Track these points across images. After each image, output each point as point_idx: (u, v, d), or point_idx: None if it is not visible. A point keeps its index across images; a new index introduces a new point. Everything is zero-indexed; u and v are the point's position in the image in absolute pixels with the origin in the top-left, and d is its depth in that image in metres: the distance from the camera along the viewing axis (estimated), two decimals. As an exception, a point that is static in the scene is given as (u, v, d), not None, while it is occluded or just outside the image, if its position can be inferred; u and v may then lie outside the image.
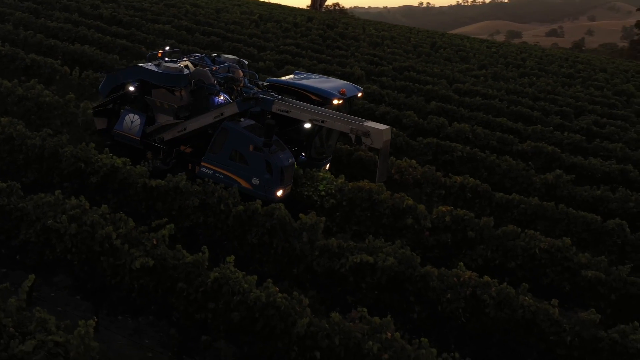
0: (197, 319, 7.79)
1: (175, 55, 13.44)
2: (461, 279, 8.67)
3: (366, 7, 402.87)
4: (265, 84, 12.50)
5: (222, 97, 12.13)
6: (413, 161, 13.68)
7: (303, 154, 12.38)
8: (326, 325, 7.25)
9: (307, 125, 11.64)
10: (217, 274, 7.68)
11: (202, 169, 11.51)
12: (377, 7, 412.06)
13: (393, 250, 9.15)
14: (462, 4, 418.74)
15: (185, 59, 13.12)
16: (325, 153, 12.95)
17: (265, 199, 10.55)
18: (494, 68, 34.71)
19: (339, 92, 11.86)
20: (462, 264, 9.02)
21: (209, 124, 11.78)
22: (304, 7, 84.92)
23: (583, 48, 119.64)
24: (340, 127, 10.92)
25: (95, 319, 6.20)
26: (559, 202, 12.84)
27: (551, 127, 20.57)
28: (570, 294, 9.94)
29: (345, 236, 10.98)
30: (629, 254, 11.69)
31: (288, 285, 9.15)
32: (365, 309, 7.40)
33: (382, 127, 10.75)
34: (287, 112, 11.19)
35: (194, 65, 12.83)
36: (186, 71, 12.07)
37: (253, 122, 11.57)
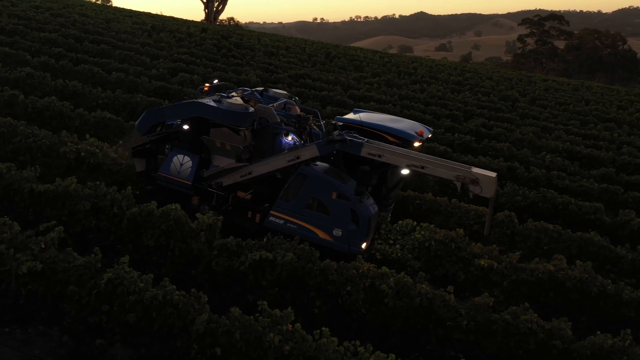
0: (90, 323, 7.49)
1: (223, 90, 12.01)
2: (360, 271, 8.76)
3: (261, 22, 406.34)
4: (340, 124, 11.15)
5: (290, 138, 10.91)
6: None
7: None
8: (226, 320, 7.13)
9: (405, 172, 10.06)
10: (110, 274, 7.42)
11: (271, 218, 10.26)
12: (272, 23, 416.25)
13: (292, 246, 9.14)
14: (355, 19, 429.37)
15: (233, 93, 11.77)
16: (390, 199, 11.68)
17: (348, 252, 9.64)
18: (386, 76, 35.56)
19: (417, 133, 10.95)
20: (360, 257, 9.12)
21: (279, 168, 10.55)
22: (198, 20, 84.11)
23: (470, 61, 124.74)
24: (444, 174, 9.64)
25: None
26: (452, 198, 13.25)
27: (442, 129, 21.29)
28: (465, 282, 10.24)
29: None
30: (517, 243, 12.20)
31: (187, 286, 8.95)
32: (265, 302, 7.34)
33: (491, 174, 9.66)
34: (379, 156, 9.85)
35: (245, 100, 11.40)
36: (251, 108, 10.76)
37: (329, 165, 10.40)
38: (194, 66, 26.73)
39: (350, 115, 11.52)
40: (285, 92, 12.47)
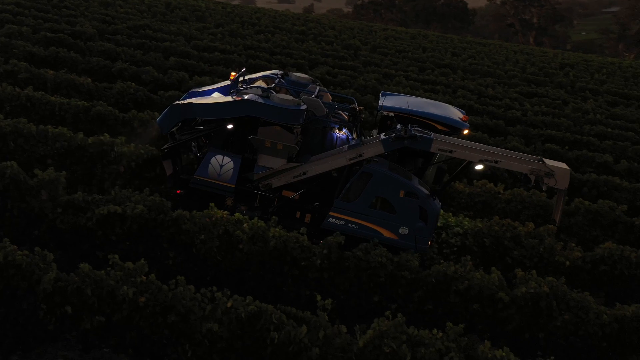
0: None
1: (242, 75, 10.71)
2: (213, 219, 8.71)
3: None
4: (391, 114, 10.11)
5: (342, 133, 10.08)
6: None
7: None
8: (75, 278, 6.85)
9: (479, 167, 9.46)
10: (-60, 239, 6.85)
11: (330, 219, 9.47)
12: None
13: (142, 198, 8.89)
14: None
15: (260, 82, 10.54)
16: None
17: (415, 250, 9.07)
18: (230, 26, 35.05)
19: (461, 119, 10.21)
20: (213, 204, 9.04)
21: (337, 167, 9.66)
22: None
23: (313, 13, 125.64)
24: (517, 168, 9.21)
25: None
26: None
27: (289, 78, 21.41)
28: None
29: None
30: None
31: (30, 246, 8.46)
32: (117, 256, 7.12)
33: (563, 165, 9.25)
34: (450, 152, 9.20)
35: (273, 89, 10.23)
36: (303, 104, 9.72)
37: (388, 161, 9.56)
38: (22, 17, 24.88)
39: (388, 102, 10.61)
40: (307, 76, 11.38)
